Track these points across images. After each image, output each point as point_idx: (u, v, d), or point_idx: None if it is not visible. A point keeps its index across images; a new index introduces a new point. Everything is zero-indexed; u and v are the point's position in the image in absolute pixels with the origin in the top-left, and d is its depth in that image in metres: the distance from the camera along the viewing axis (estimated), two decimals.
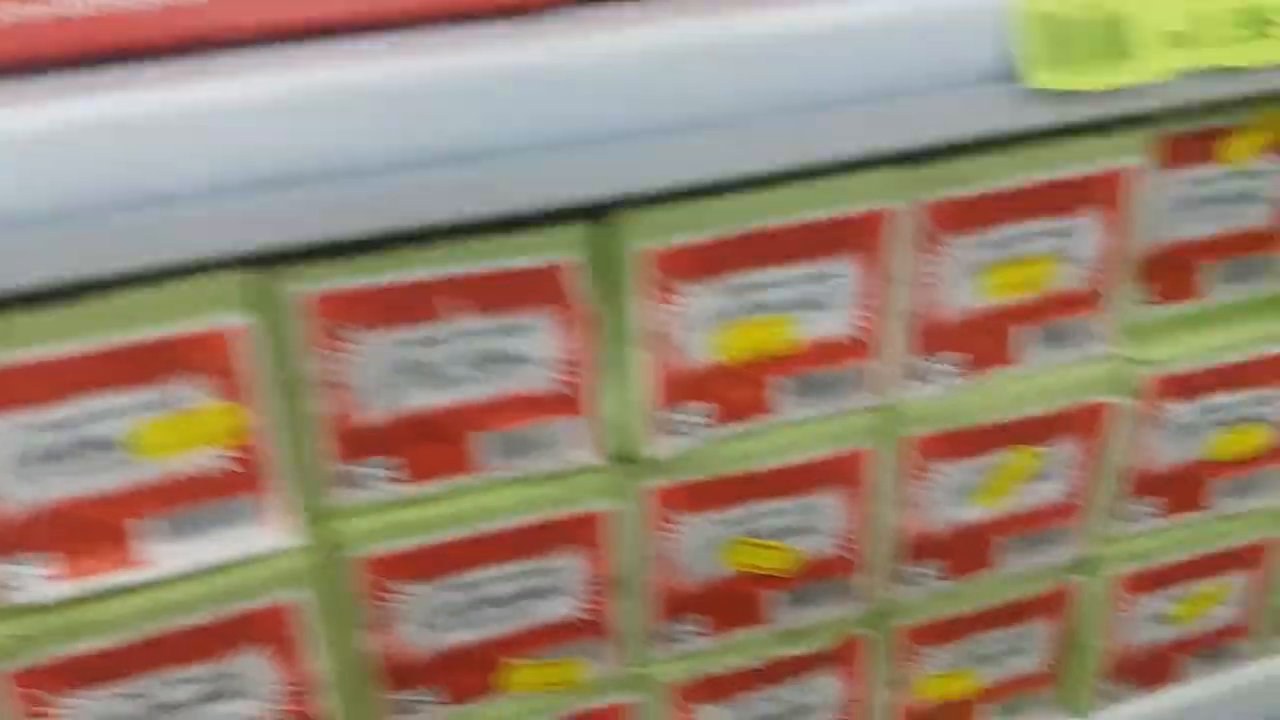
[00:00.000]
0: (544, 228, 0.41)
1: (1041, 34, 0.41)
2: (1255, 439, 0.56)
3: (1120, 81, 0.42)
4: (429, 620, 0.47)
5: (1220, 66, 0.43)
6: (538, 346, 0.43)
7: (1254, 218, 0.52)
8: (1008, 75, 0.42)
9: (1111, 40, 0.42)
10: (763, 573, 0.51)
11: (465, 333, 0.42)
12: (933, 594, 0.55)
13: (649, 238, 0.42)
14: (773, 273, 0.44)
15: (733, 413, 0.47)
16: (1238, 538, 0.60)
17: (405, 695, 0.49)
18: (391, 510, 0.45)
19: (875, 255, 0.45)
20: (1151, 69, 0.42)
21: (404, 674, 0.48)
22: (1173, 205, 0.51)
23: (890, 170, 0.44)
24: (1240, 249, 0.53)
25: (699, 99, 0.40)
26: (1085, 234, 0.48)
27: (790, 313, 0.45)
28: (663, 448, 0.46)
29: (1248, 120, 0.50)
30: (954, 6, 0.41)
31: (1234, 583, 0.61)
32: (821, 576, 0.52)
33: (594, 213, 0.42)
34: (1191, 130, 0.50)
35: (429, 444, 0.44)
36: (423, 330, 0.41)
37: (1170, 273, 0.53)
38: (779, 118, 0.40)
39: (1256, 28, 0.44)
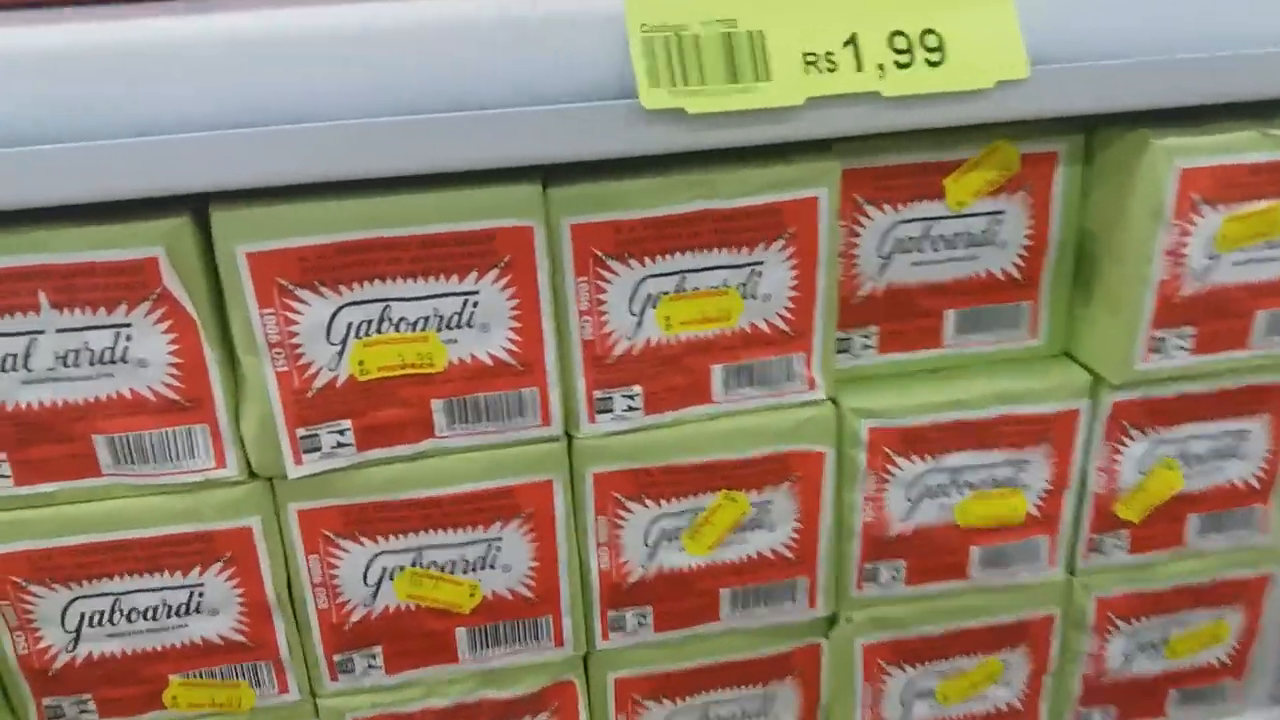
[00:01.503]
0: (137, 220, 0.40)
1: (660, 51, 0.39)
2: (1008, 506, 0.52)
3: (741, 105, 0.39)
4: (72, 628, 0.46)
5: (869, 93, 0.40)
6: (146, 347, 0.42)
7: (987, 262, 0.49)
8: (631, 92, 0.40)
9: (741, 61, 0.40)
10: (440, 607, 0.49)
11: (65, 328, 0.41)
12: (642, 644, 0.52)
13: (248, 238, 0.41)
14: (401, 286, 0.43)
15: (380, 435, 0.45)
16: (1003, 614, 0.55)
17: (54, 701, 0.48)
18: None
19: (524, 274, 0.44)
20: (781, 94, 0.40)
21: (50, 681, 0.47)
22: (896, 245, 0.48)
23: (527, 185, 0.42)
24: (973, 296, 0.50)
25: (301, 95, 0.38)
26: (774, 268, 0.46)
27: (430, 330, 0.44)
28: (303, 466, 0.45)
29: (972, 156, 0.47)
30: (580, 13, 0.40)
31: (1006, 660, 0.56)
32: (510, 616, 0.50)
33: (200, 208, 0.41)
34: (908, 164, 0.47)
35: (39, 444, 0.43)
36: (19, 322, 0.41)
37: (896, 317, 0.50)
38: (394, 119, 0.39)
39: (923, 53, 0.41)
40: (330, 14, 0.38)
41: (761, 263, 0.46)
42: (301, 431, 0.44)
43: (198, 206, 0.41)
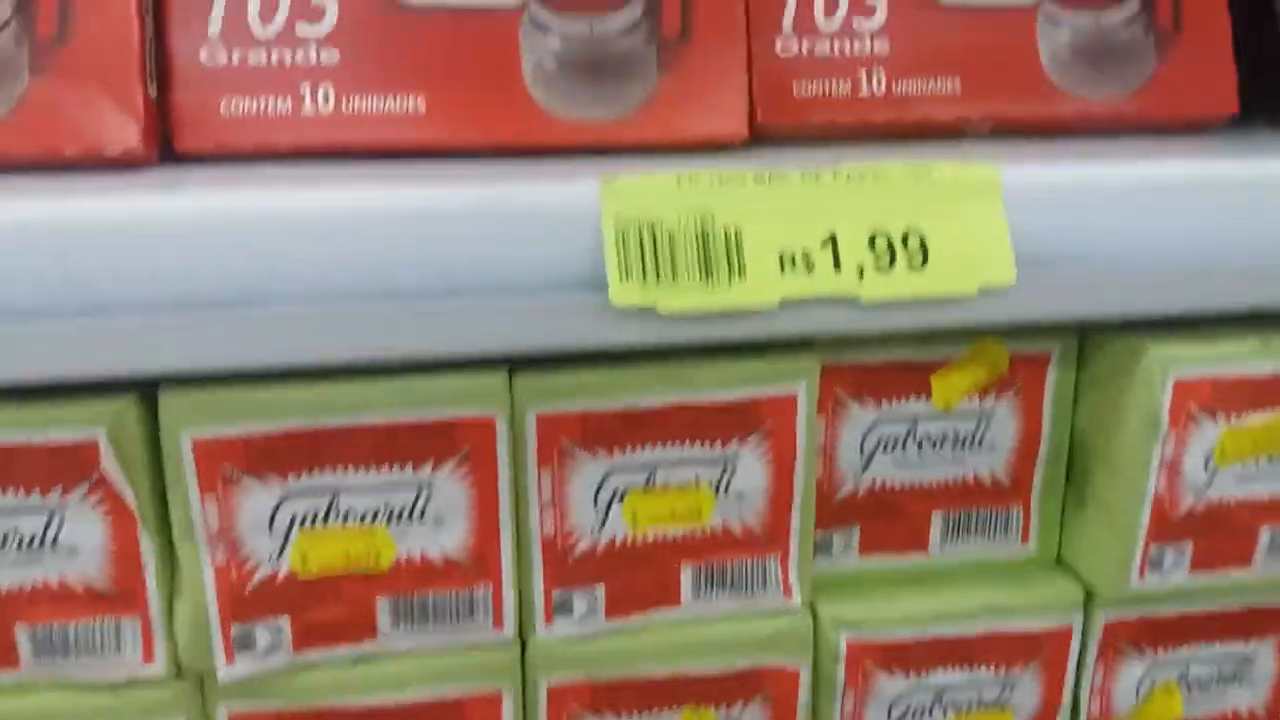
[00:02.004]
0: (79, 401, 0.39)
1: (633, 245, 0.38)
2: None
3: (714, 305, 0.38)
4: None
5: (845, 296, 0.39)
6: (78, 533, 0.39)
7: (974, 465, 0.47)
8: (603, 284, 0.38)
9: (716, 258, 0.38)
10: None
11: None
12: None
13: (195, 423, 0.39)
14: (352, 476, 0.40)
15: (319, 635, 0.42)
16: None
17: None
18: None
19: (484, 467, 0.41)
20: (756, 294, 0.38)
21: None
22: (879, 444, 0.46)
23: (491, 374, 0.40)
24: (961, 500, 0.47)
25: (261, 278, 0.37)
26: (749, 465, 0.44)
27: (380, 524, 0.41)
28: (234, 666, 0.42)
29: (959, 355, 0.46)
30: (554, 203, 0.39)
31: None
32: None
33: (146, 390, 0.39)
34: (892, 362, 0.45)
35: None
36: None
37: (879, 518, 0.47)
38: (351, 305, 0.38)
39: (905, 255, 0.40)
40: (292, 197, 0.37)
41: (736, 458, 0.43)
42: (236, 628, 0.41)
43: (142, 387, 0.39)
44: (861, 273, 0.39)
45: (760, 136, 0.47)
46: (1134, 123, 0.50)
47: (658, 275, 0.38)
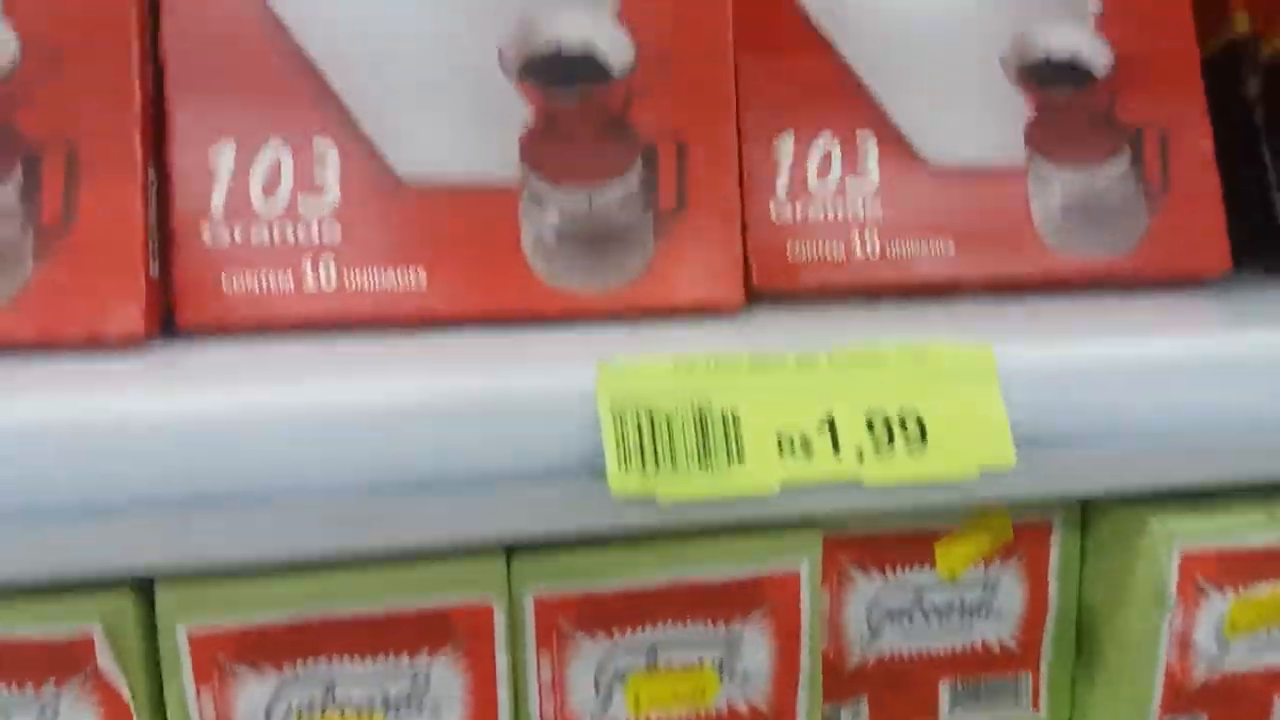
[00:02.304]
0: (74, 596, 0.38)
1: (631, 432, 0.38)
2: None
3: (713, 492, 0.38)
4: None
5: (845, 479, 0.39)
6: None
7: (982, 633, 0.46)
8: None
9: (714, 443, 0.38)
10: None
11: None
12: None
13: (192, 617, 0.38)
14: (349, 665, 0.40)
15: None
16: None
17: None
18: None
19: (481, 654, 0.41)
20: (755, 480, 0.38)
21: None
22: (885, 614, 0.46)
23: (488, 560, 0.40)
24: (969, 668, 0.46)
25: (257, 472, 0.37)
26: (753, 643, 0.43)
27: (376, 713, 0.40)
28: None
29: (960, 525, 0.45)
30: (550, 390, 0.39)
31: None
32: None
33: (141, 583, 0.39)
34: (896, 533, 0.45)
35: None
36: None
37: (887, 689, 0.46)
38: (344, 497, 0.37)
39: (903, 437, 0.40)
40: (289, 391, 0.37)
41: (739, 637, 0.43)
42: None
43: (137, 580, 0.39)
44: (861, 455, 0.39)
45: (756, 298, 0.48)
46: (1128, 280, 0.50)
47: (656, 462, 0.38)
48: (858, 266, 0.49)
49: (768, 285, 0.48)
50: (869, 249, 0.49)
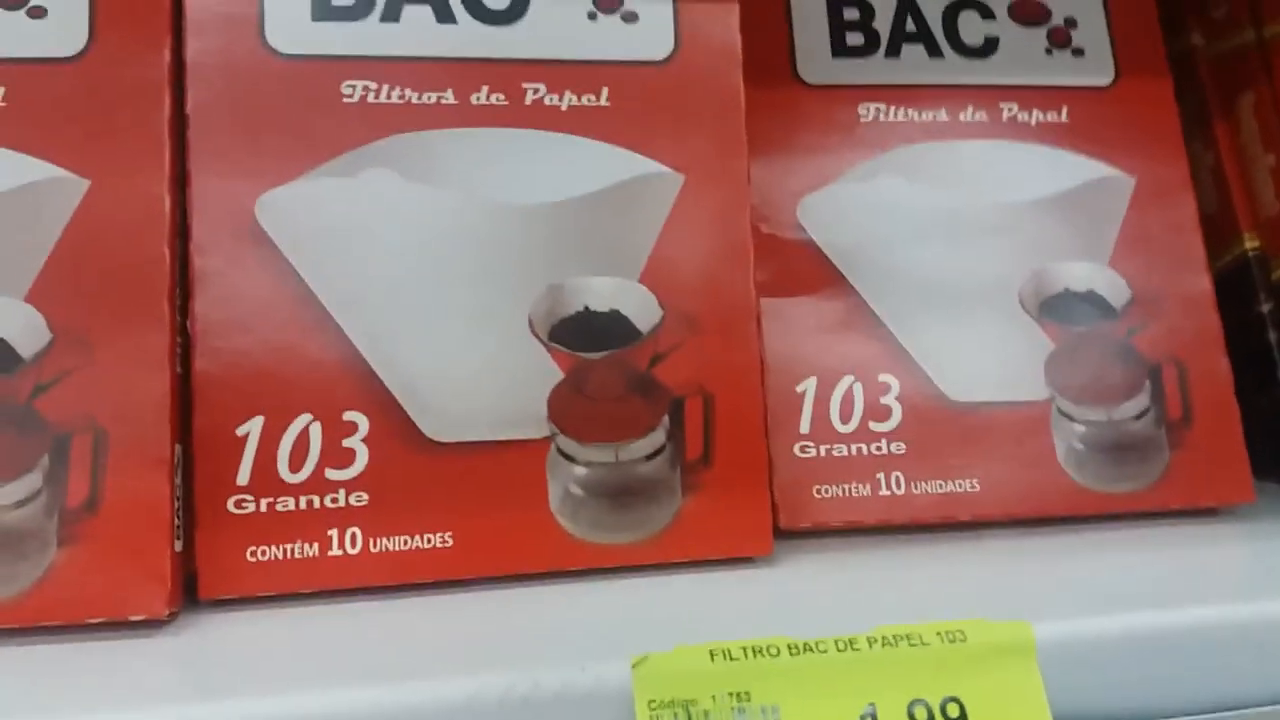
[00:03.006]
0: None
1: None
2: None
3: None
4: None
5: None
6: None
7: None
8: None
9: None
10: None
11: None
12: None
13: None
14: None
15: None
16: None
17: None
18: None
19: None
20: None
21: None
22: None
23: None
24: None
25: None
26: None
27: None
28: None
29: None
30: (587, 690, 0.38)
31: None
32: None
33: None
34: None
35: None
36: None
37: None
38: None
39: None
40: (307, 703, 0.36)
41: None
42: None
43: None
44: None
45: (782, 536, 0.47)
46: (1151, 512, 0.50)
47: None
48: (883, 504, 0.49)
49: (794, 526, 0.48)
50: (894, 487, 0.49)
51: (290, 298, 0.43)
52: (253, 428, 0.42)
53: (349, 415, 0.43)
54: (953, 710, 0.39)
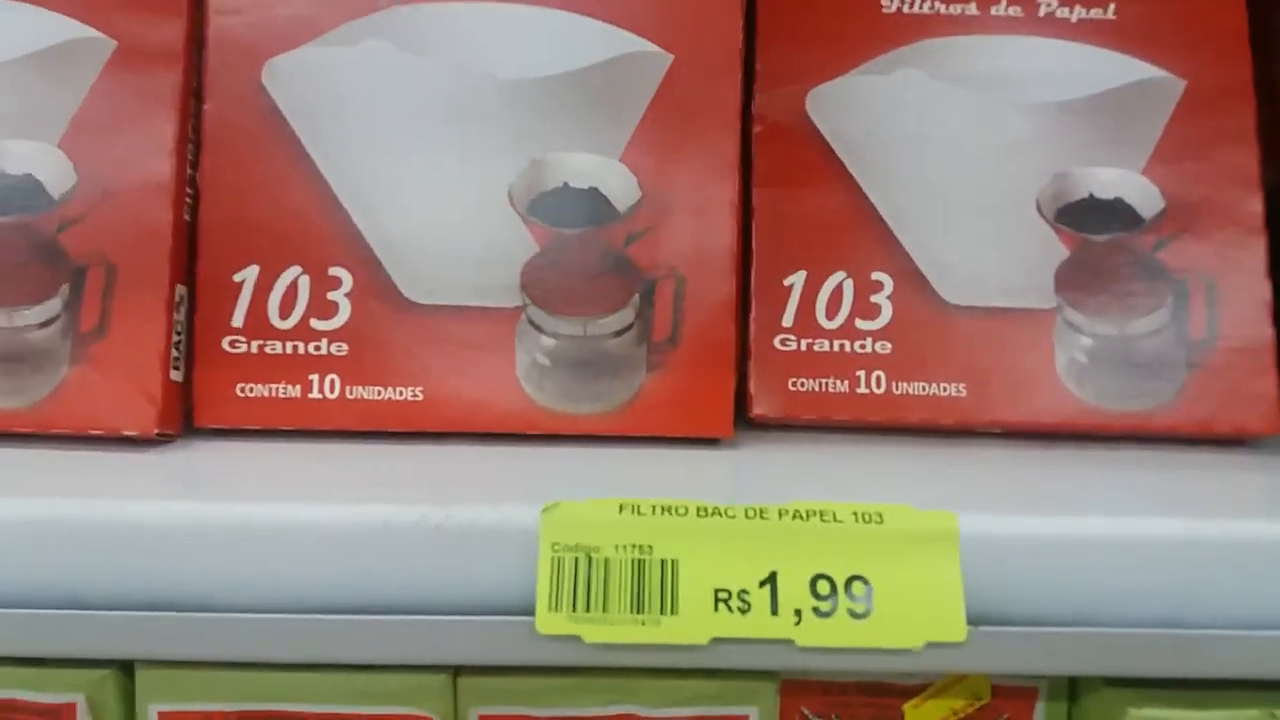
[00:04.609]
0: (65, 669, 0.42)
1: (566, 573, 0.39)
2: None
3: (641, 639, 0.38)
4: None
5: (779, 640, 0.38)
6: None
7: None
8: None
9: (649, 592, 0.39)
10: None
11: None
12: None
13: (165, 698, 0.42)
14: None
15: None
16: None
17: None
18: None
19: None
20: (685, 632, 0.38)
21: None
22: None
23: (435, 675, 0.41)
24: None
25: (226, 585, 0.40)
26: None
27: None
28: None
29: (934, 682, 0.44)
30: (495, 526, 0.40)
31: None
32: None
33: (125, 664, 0.42)
34: (862, 681, 0.44)
35: None
36: None
37: None
38: (305, 617, 0.40)
39: (847, 602, 0.39)
40: (251, 511, 0.40)
41: None
42: None
43: (122, 662, 0.42)
44: (799, 617, 0.39)
45: (755, 428, 0.48)
46: (1156, 435, 0.48)
47: (588, 605, 0.39)
48: (860, 403, 0.48)
49: (767, 416, 0.48)
50: (874, 386, 0.48)
51: (288, 157, 0.46)
52: (248, 275, 0.46)
53: (334, 270, 0.46)
54: (858, 589, 0.39)
